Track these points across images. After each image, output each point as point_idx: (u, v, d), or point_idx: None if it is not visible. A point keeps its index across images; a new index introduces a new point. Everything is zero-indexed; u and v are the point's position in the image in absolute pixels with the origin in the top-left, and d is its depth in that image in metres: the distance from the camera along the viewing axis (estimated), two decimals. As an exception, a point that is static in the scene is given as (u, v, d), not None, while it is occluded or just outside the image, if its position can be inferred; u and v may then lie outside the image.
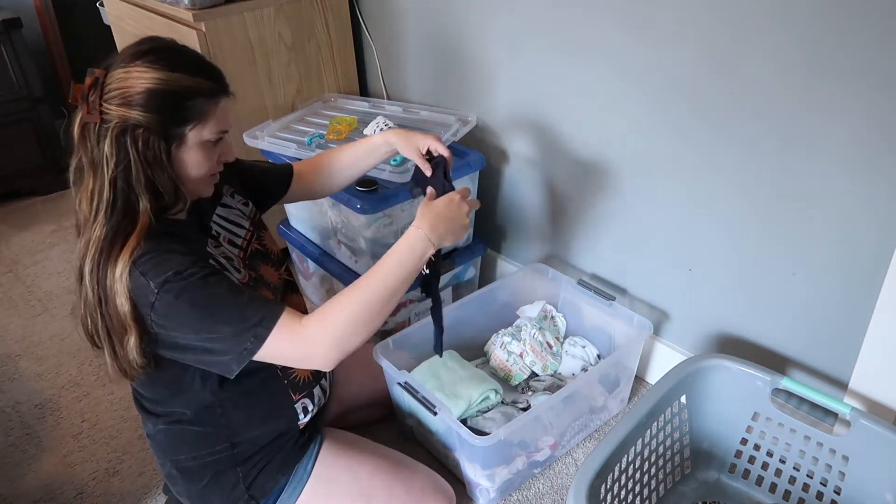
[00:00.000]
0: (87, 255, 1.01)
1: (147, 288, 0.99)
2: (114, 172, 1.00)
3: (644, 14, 1.37)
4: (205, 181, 1.11)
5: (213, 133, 1.06)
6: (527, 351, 1.67)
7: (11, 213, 2.75)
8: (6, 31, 2.57)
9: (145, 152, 1.00)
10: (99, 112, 0.99)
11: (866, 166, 1.17)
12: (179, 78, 1.01)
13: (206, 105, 1.03)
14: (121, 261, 0.99)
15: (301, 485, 1.23)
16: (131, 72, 0.99)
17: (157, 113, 0.99)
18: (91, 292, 1.02)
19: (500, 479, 1.40)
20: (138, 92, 0.98)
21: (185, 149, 1.04)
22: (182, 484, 1.22)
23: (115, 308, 1.00)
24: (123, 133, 0.99)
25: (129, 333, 1.01)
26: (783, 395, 1.37)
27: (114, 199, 1.01)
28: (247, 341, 1.02)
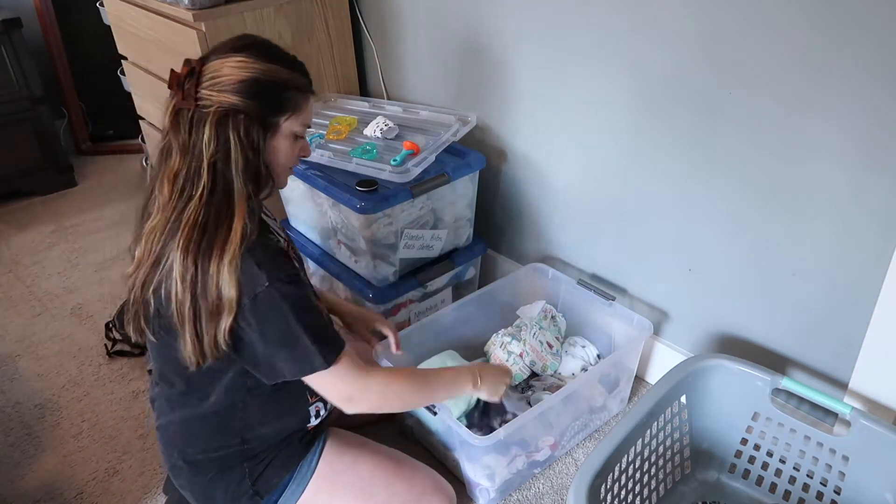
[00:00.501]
0: (178, 237, 1.02)
1: (258, 278, 1.03)
2: (213, 157, 1.04)
3: (644, 14, 1.37)
4: (286, 173, 1.18)
5: (302, 126, 1.14)
6: (527, 351, 1.67)
7: (11, 213, 2.75)
8: (6, 31, 2.56)
9: (245, 137, 1.05)
10: (194, 99, 1.04)
11: (866, 166, 1.17)
12: (278, 70, 1.08)
13: (299, 98, 1.11)
14: (229, 248, 1.02)
15: (304, 482, 1.24)
16: (230, 62, 1.05)
17: (257, 100, 1.05)
18: (179, 275, 1.02)
19: (500, 479, 1.40)
20: (240, 80, 1.04)
21: (279, 138, 1.11)
22: (187, 476, 1.22)
23: (215, 292, 1.02)
24: (225, 118, 1.04)
25: (224, 317, 1.03)
26: (783, 395, 1.36)
27: (213, 182, 1.04)
28: (316, 360, 1.09)
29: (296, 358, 1.09)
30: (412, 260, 1.77)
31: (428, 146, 1.71)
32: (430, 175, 1.67)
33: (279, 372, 1.11)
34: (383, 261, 1.71)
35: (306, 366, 1.09)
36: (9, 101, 2.65)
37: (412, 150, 1.69)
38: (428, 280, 1.79)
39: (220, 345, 1.05)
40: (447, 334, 1.66)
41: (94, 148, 3.18)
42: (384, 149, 1.74)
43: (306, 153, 1.21)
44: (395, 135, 1.79)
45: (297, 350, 1.08)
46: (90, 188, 2.91)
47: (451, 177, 1.70)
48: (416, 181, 1.64)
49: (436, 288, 1.85)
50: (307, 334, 1.07)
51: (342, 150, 1.74)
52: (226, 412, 1.18)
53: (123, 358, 1.91)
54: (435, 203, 1.74)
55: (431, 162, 1.67)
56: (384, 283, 1.73)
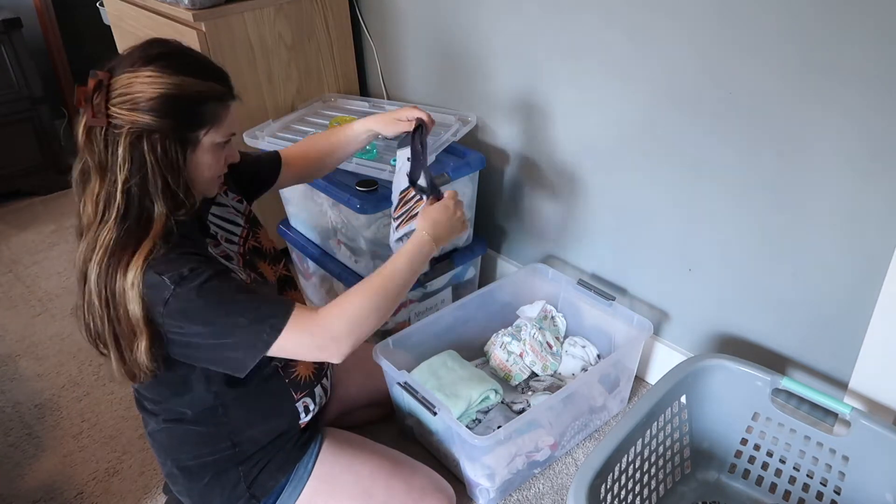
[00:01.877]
0: (93, 258, 1.00)
1: (162, 285, 0.99)
2: (128, 178, 0.99)
3: (643, 15, 1.37)
4: (213, 182, 1.12)
5: (224, 136, 1.07)
6: (527, 351, 1.67)
7: (11, 213, 2.75)
8: (6, 31, 2.57)
9: (162, 157, 1.00)
10: (105, 115, 0.98)
11: (866, 165, 1.17)
12: (191, 83, 1.01)
13: (218, 109, 1.04)
14: (133, 266, 0.98)
15: (302, 484, 1.23)
16: (140, 76, 0.98)
17: (172, 118, 0.99)
18: (97, 296, 1.01)
19: (500, 479, 1.40)
20: (151, 97, 0.97)
21: (200, 152, 1.05)
22: (183, 483, 1.22)
23: (125, 312, 1.00)
24: (139, 138, 0.98)
25: (139, 337, 1.01)
26: (783, 395, 1.36)
27: (127, 205, 1.00)
28: (262, 333, 1.03)
29: (244, 343, 1.03)
30: (412, 260, 1.77)
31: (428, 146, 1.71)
32: (430, 175, 1.66)
33: (238, 361, 1.05)
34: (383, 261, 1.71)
35: (260, 344, 1.03)
36: (9, 101, 2.65)
37: (412, 150, 1.69)
38: (428, 280, 1.79)
39: (143, 364, 1.03)
40: (447, 334, 1.66)
41: (94, 148, 3.17)
42: (384, 149, 1.74)
43: (234, 159, 1.14)
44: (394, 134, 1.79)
45: (239, 335, 1.03)
46: (90, 188, 2.90)
47: (451, 177, 1.69)
48: (416, 181, 1.64)
49: (436, 288, 1.85)
50: (240, 315, 1.02)
51: (342, 150, 1.74)
52: (207, 419, 1.17)
53: (123, 358, 1.91)
54: (435, 203, 1.74)
55: (431, 162, 1.67)
56: (384, 283, 1.73)
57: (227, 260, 1.16)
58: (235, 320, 1.02)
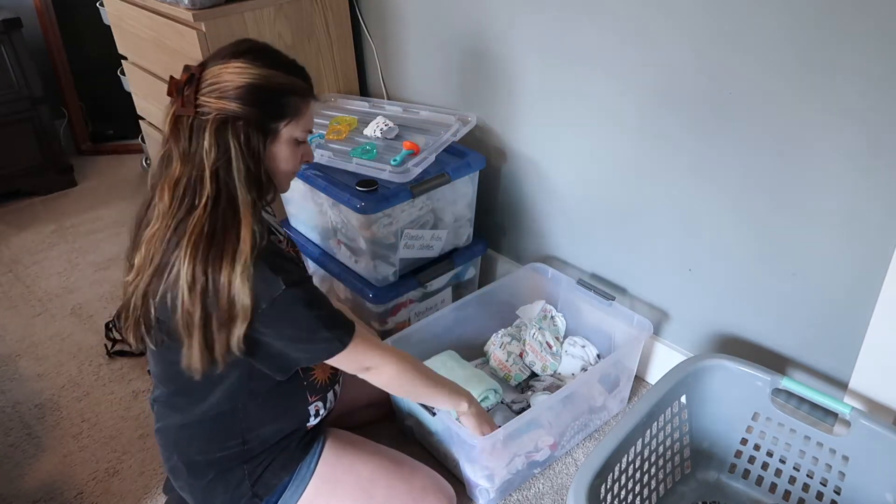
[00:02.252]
0: (184, 246, 1.01)
1: (275, 283, 1.04)
2: (215, 165, 1.03)
3: (643, 15, 1.37)
4: (289, 177, 1.18)
5: (303, 131, 1.13)
6: (526, 351, 1.67)
7: (11, 213, 2.75)
8: (6, 31, 2.56)
9: (245, 144, 1.05)
10: (193, 106, 1.03)
11: (866, 165, 1.17)
12: (276, 75, 1.07)
13: (299, 103, 1.11)
14: (240, 257, 1.01)
15: (304, 483, 1.24)
16: (229, 68, 1.04)
17: (256, 107, 1.04)
18: (187, 284, 1.01)
19: (500, 479, 1.40)
20: (238, 86, 1.03)
21: (279, 144, 1.11)
22: (186, 478, 1.22)
23: (226, 300, 1.01)
24: (224, 125, 1.03)
25: (238, 324, 1.03)
26: (783, 395, 1.36)
27: (216, 191, 1.04)
28: (335, 343, 1.12)
29: (313, 348, 1.12)
30: (412, 260, 1.77)
31: (428, 146, 1.71)
32: (430, 175, 1.67)
33: (295, 362, 1.14)
34: (383, 261, 1.71)
35: (324, 353, 1.13)
36: (9, 101, 2.65)
37: (412, 150, 1.69)
38: (428, 280, 1.79)
39: (232, 351, 1.05)
40: (447, 334, 1.66)
41: (94, 148, 3.18)
42: (384, 149, 1.74)
43: (309, 158, 1.20)
44: (395, 135, 1.79)
45: (314, 342, 1.11)
46: (90, 188, 2.91)
47: (451, 177, 1.70)
48: (416, 181, 1.64)
49: (436, 288, 1.85)
50: (323, 326, 1.10)
51: (342, 150, 1.74)
52: (226, 414, 1.17)
53: (123, 358, 1.91)
54: (435, 203, 1.74)
55: (431, 162, 1.67)
56: (384, 283, 1.73)
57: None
58: (318, 331, 1.10)
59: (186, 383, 1.15)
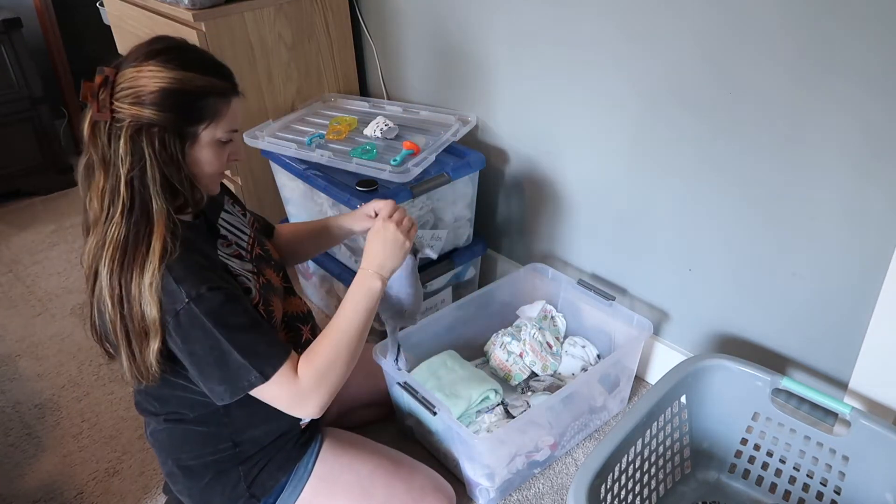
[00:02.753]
0: (104, 256, 1.01)
1: (178, 295, 1.00)
2: (129, 172, 1.00)
3: (644, 14, 1.37)
4: (215, 179, 1.14)
5: (226, 132, 1.08)
6: (527, 351, 1.67)
7: (11, 213, 2.75)
8: (6, 31, 2.57)
9: (161, 151, 1.01)
10: (110, 110, 0.99)
11: (866, 165, 1.17)
12: (193, 77, 1.02)
13: (219, 104, 1.05)
14: (149, 267, 0.99)
15: (302, 483, 1.24)
16: (143, 71, 1.00)
17: (172, 112, 1.00)
18: (108, 295, 1.01)
19: (500, 479, 1.40)
20: (152, 91, 0.99)
21: (199, 147, 1.06)
22: (183, 482, 1.22)
23: (139, 313, 1.00)
24: (138, 132, 1.00)
25: (151, 339, 1.01)
26: (783, 395, 1.36)
27: (131, 200, 1.01)
28: (246, 379, 1.05)
29: (229, 377, 1.04)
30: (412, 260, 1.77)
31: (428, 146, 1.71)
32: (430, 175, 1.67)
33: (217, 393, 1.06)
34: (383, 261, 1.71)
35: (242, 382, 1.05)
36: (9, 101, 2.65)
37: (412, 150, 1.69)
38: (428, 280, 1.79)
39: (151, 367, 1.03)
40: (447, 334, 1.66)
41: (94, 148, 3.17)
42: (384, 149, 1.74)
43: (238, 157, 1.14)
44: (395, 135, 1.79)
45: (228, 368, 1.04)
46: (90, 188, 2.90)
47: (451, 177, 1.69)
48: (416, 181, 1.64)
49: (436, 288, 1.85)
50: (236, 349, 1.03)
51: (342, 150, 1.74)
52: (210, 419, 1.17)
53: (123, 358, 1.91)
54: (435, 203, 1.74)
55: (431, 162, 1.67)
56: (384, 283, 1.73)
57: (240, 259, 1.17)
58: (230, 356, 1.03)
59: (156, 388, 1.14)
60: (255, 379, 1.05)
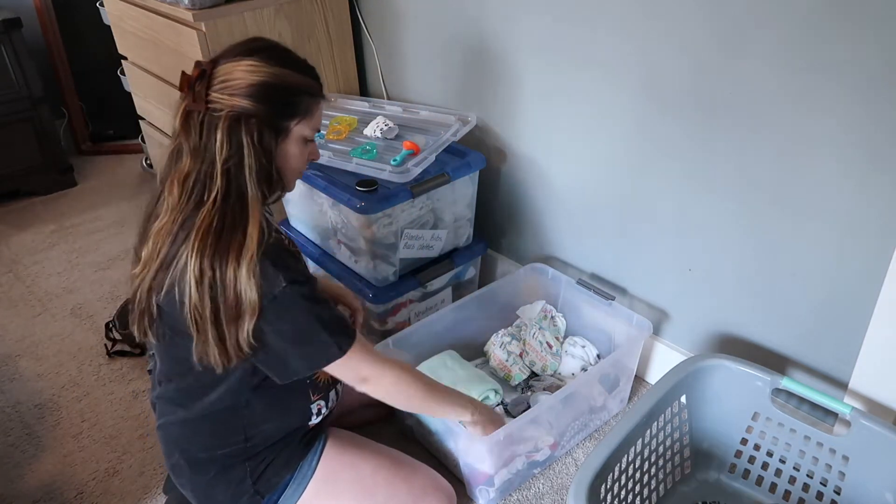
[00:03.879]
0: (190, 240, 1.02)
1: (276, 279, 1.04)
2: (226, 161, 1.04)
3: (644, 16, 1.37)
4: (296, 176, 1.19)
5: (312, 130, 1.14)
6: (526, 351, 1.67)
7: (11, 213, 2.75)
8: (6, 31, 2.56)
9: (259, 141, 1.06)
10: (205, 101, 1.04)
11: (866, 165, 1.17)
12: (289, 74, 1.08)
13: (310, 102, 1.12)
14: (246, 253, 1.02)
15: (305, 481, 1.24)
16: (241, 65, 1.05)
17: (269, 104, 1.05)
18: (194, 279, 1.02)
19: (500, 480, 1.40)
20: (251, 83, 1.04)
21: (289, 142, 1.12)
22: (188, 475, 1.22)
23: (234, 295, 1.02)
24: (237, 122, 1.04)
25: (246, 318, 1.03)
26: (783, 395, 1.37)
27: (227, 187, 1.04)
28: (329, 351, 1.11)
29: (311, 353, 1.11)
30: (412, 260, 1.77)
31: (428, 146, 1.71)
32: (430, 175, 1.67)
33: (293, 370, 1.12)
34: (383, 261, 1.71)
35: (322, 358, 1.12)
36: (9, 101, 2.65)
37: (412, 150, 1.69)
38: (428, 280, 1.79)
39: (243, 346, 1.05)
40: (447, 334, 1.66)
41: (94, 148, 3.18)
42: (384, 149, 1.74)
43: (315, 157, 1.22)
44: (395, 135, 1.79)
45: (312, 344, 1.10)
46: (90, 188, 2.91)
47: (451, 177, 1.70)
48: (416, 181, 1.64)
49: (436, 288, 1.85)
50: (322, 328, 1.09)
51: (342, 150, 1.74)
52: (230, 410, 1.18)
53: (123, 358, 1.91)
54: (435, 203, 1.74)
55: (431, 162, 1.67)
56: (384, 283, 1.73)
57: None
58: (318, 333, 1.09)
59: (191, 379, 1.16)
60: (334, 354, 1.11)
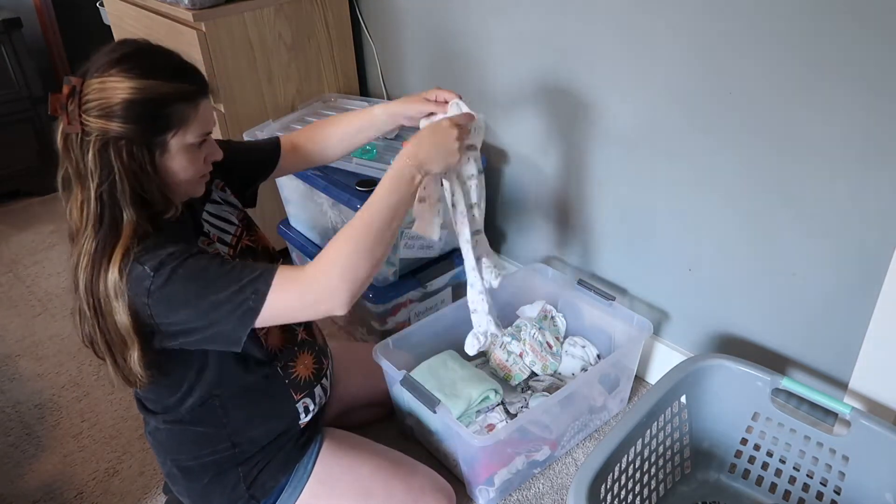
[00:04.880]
0: (80, 266, 1.00)
1: (143, 274, 0.98)
2: (99, 186, 0.98)
3: (643, 17, 1.37)
4: (195, 183, 1.10)
5: (196, 136, 1.04)
6: (526, 351, 1.67)
7: (11, 213, 2.75)
8: (6, 31, 2.56)
9: (130, 164, 0.98)
10: (80, 122, 0.96)
11: (866, 165, 1.17)
12: (156, 85, 0.98)
13: (186, 109, 1.01)
14: (112, 266, 0.97)
15: (301, 484, 1.23)
16: (107, 81, 0.96)
17: (137, 123, 0.97)
18: (87, 305, 1.01)
19: (500, 480, 1.40)
20: (116, 103, 0.96)
21: (170, 156, 1.02)
22: (182, 483, 1.22)
23: (113, 322, 0.99)
24: (105, 146, 0.97)
25: (130, 347, 1.01)
26: (783, 395, 1.36)
27: (100, 213, 0.99)
28: (248, 300, 0.99)
29: (232, 314, 0.99)
30: (412, 260, 1.77)
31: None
32: (429, 175, 1.66)
33: (229, 334, 1.01)
34: (383, 261, 1.71)
35: (248, 312, 0.99)
36: (9, 101, 2.65)
37: (412, 150, 1.69)
38: (428, 280, 1.79)
39: (137, 373, 1.03)
40: (447, 334, 1.66)
41: (94, 148, 3.18)
42: (384, 149, 1.74)
43: (216, 156, 1.11)
44: (395, 135, 1.79)
45: (225, 307, 0.99)
46: (90, 188, 2.90)
47: (451, 177, 1.69)
48: (416, 181, 1.63)
49: (436, 288, 1.85)
50: (223, 287, 0.99)
51: (342, 150, 1.74)
52: (207, 419, 1.17)
53: (123, 358, 1.91)
54: (435, 203, 1.74)
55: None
56: (384, 283, 1.73)
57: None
58: (218, 294, 0.99)
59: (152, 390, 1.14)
60: (254, 301, 0.99)
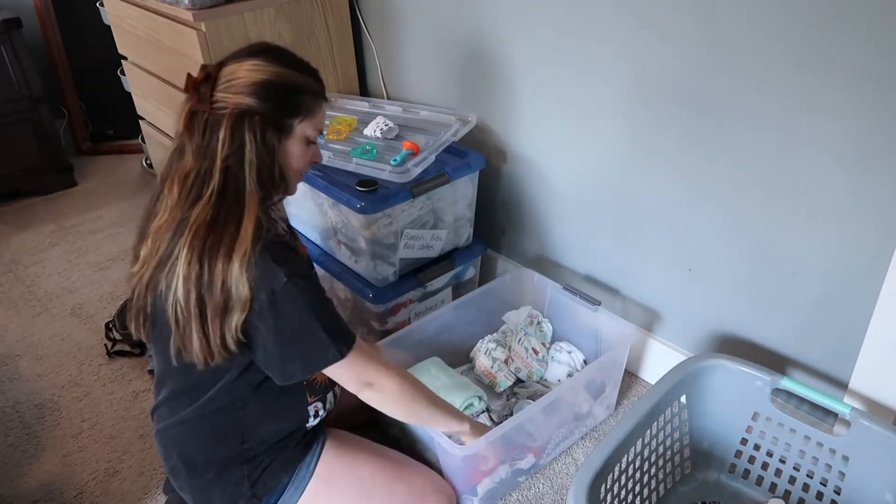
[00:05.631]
0: (186, 236, 1.02)
1: (276, 274, 1.03)
2: (227, 158, 1.05)
3: (643, 16, 1.37)
4: (297, 178, 1.19)
5: (314, 130, 1.15)
6: (512, 357, 1.66)
7: (11, 213, 2.75)
8: (6, 31, 2.56)
9: (261, 138, 1.07)
10: (209, 102, 1.06)
11: (866, 165, 1.17)
12: (291, 74, 1.11)
13: (312, 102, 1.13)
14: (240, 246, 1.02)
15: (303, 484, 1.24)
16: (244, 65, 1.08)
17: (272, 102, 1.07)
18: (183, 274, 1.02)
19: (483, 489, 1.38)
20: (254, 82, 1.06)
21: (292, 141, 1.13)
22: (185, 478, 1.22)
23: (221, 290, 1.02)
24: (241, 119, 1.05)
25: (233, 314, 1.03)
26: (783, 395, 1.36)
27: (223, 184, 1.05)
28: (328, 354, 1.10)
29: (309, 352, 1.10)
30: (412, 260, 1.77)
31: (428, 146, 1.71)
32: (430, 175, 1.67)
33: (290, 371, 1.11)
34: (383, 261, 1.71)
35: (321, 360, 1.11)
36: (9, 101, 2.65)
37: (412, 150, 1.69)
38: (428, 280, 1.79)
39: (227, 344, 1.05)
40: (432, 341, 1.65)
41: (94, 148, 3.18)
42: (384, 149, 1.74)
43: (318, 159, 1.22)
44: (395, 135, 1.79)
45: (311, 344, 1.09)
46: (90, 188, 2.91)
47: (451, 177, 1.69)
48: (416, 181, 1.64)
49: (436, 288, 1.85)
50: (322, 327, 1.08)
51: (342, 150, 1.74)
52: (226, 411, 1.18)
53: (123, 358, 1.91)
54: (435, 203, 1.74)
55: (431, 162, 1.67)
56: (384, 283, 1.73)
57: None
58: (316, 332, 1.08)
59: (188, 379, 1.15)
60: (333, 357, 1.10)
